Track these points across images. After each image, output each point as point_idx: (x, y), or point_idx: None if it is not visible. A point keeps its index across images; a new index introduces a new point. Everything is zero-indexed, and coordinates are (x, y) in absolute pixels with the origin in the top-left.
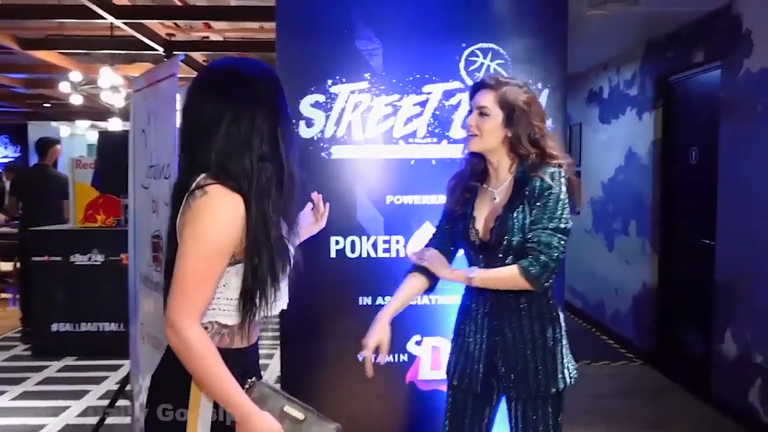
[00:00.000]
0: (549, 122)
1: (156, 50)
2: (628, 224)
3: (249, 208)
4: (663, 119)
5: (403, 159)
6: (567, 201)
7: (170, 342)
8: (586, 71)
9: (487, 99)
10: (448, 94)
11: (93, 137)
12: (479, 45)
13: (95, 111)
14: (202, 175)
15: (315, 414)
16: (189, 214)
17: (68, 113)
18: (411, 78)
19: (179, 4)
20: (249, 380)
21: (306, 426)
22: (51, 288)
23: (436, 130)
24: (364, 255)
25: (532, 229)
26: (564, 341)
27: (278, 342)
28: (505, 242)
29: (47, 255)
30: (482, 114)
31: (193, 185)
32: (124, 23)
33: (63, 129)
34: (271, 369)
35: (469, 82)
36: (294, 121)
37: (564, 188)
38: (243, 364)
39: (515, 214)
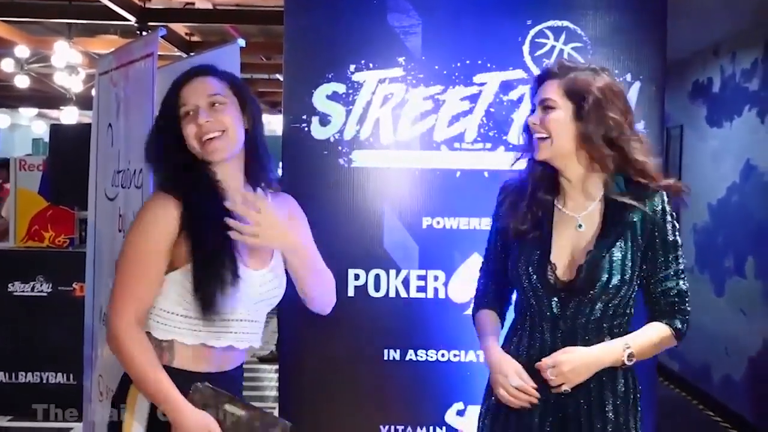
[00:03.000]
0: (640, 125)
1: (126, 20)
2: (744, 261)
3: (182, 215)
4: None
5: (445, 170)
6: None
7: (108, 343)
8: (689, 57)
9: (550, 89)
10: (506, 87)
11: (40, 130)
12: (549, 23)
13: (45, 97)
14: None
15: (260, 411)
16: None
17: (10, 98)
18: (459, 64)
19: None
20: (194, 385)
21: (248, 422)
22: None
23: (491, 133)
24: (392, 294)
25: (659, 277)
26: (640, 421)
27: (273, 406)
28: (598, 287)
29: None
30: (546, 107)
31: None
32: None
33: (2, 118)
34: None
35: (536, 71)
36: (304, 116)
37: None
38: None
39: (615, 251)
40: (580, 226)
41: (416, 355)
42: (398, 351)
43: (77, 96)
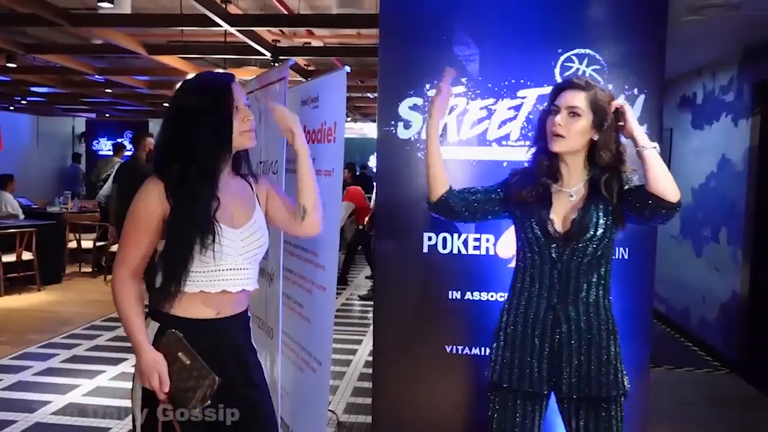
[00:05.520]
0: (644, 127)
1: (263, 55)
2: (719, 231)
3: (168, 194)
4: (761, 126)
5: (496, 161)
6: None
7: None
8: (677, 77)
9: (578, 99)
10: (542, 99)
11: None
12: (575, 51)
13: None
14: None
15: (200, 365)
16: None
17: None
18: (506, 83)
19: (286, 12)
20: (169, 330)
21: (189, 370)
22: None
23: (529, 134)
24: (455, 251)
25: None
26: (620, 352)
27: (365, 329)
28: (588, 234)
29: None
30: (573, 114)
31: None
32: (237, 30)
33: None
34: (359, 355)
35: None
36: (392, 122)
37: None
38: (195, 334)
39: (596, 210)
40: (571, 196)
41: (472, 295)
42: (459, 292)
43: None
